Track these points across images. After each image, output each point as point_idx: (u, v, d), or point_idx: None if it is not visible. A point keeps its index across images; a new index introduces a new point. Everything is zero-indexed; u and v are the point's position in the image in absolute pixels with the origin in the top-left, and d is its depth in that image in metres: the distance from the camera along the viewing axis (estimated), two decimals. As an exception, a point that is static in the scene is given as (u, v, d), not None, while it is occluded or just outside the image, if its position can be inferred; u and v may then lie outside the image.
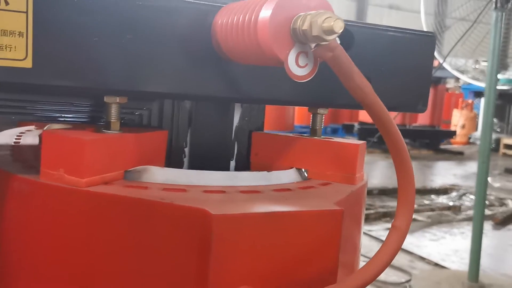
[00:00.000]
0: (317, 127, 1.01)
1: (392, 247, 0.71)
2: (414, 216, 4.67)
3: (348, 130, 11.83)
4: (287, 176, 0.92)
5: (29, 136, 1.19)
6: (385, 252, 0.71)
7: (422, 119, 11.46)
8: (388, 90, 0.99)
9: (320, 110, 1.00)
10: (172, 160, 0.97)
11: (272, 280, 0.72)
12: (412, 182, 0.74)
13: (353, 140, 0.99)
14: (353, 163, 0.95)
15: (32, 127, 1.30)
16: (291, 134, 1.02)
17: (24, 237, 0.80)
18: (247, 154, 1.04)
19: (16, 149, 1.03)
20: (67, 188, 0.75)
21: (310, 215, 0.73)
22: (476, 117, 13.95)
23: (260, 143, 1.03)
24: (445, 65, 5.48)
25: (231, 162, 1.02)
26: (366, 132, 10.18)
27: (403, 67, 1.01)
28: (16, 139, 1.15)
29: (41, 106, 0.90)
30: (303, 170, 0.98)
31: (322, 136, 1.02)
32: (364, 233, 4.59)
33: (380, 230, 4.73)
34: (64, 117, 0.93)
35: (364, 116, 10.87)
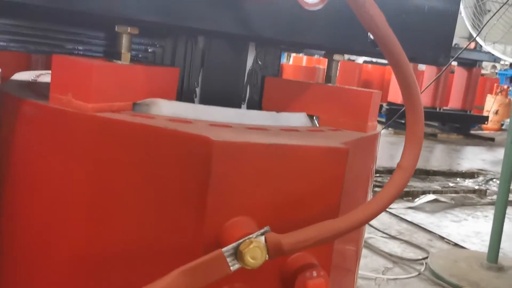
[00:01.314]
0: (332, 74, 0.99)
1: (396, 185, 0.70)
2: (437, 197, 4.58)
3: (376, 110, 11.60)
4: (297, 119, 0.91)
5: (47, 76, 1.21)
6: (388, 190, 0.70)
7: (454, 103, 11.17)
8: (408, 39, 0.96)
9: (336, 57, 0.98)
10: (183, 100, 0.96)
11: (271, 212, 0.72)
12: (421, 123, 0.72)
13: (367, 89, 0.96)
14: (366, 111, 0.93)
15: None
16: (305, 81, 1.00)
17: (33, 160, 0.81)
18: (259, 100, 1.03)
19: (32, 84, 1.05)
20: (74, 113, 0.75)
21: (315, 150, 0.72)
22: (511, 103, 13.53)
23: (273, 88, 1.01)
24: (487, 48, 5.26)
25: (242, 105, 1.01)
26: (394, 113, 9.99)
27: (425, 16, 0.97)
28: (34, 77, 1.17)
29: (54, 35, 0.91)
30: (314, 117, 0.97)
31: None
32: (385, 210, 4.54)
33: (401, 208, 4.68)
34: (78, 49, 0.94)
35: (392, 96, 10.67)
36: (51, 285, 0.82)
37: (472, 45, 9.94)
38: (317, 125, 0.96)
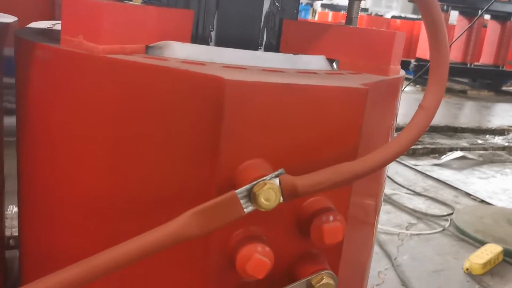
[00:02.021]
0: (353, 16, 0.95)
1: (417, 126, 0.67)
2: (464, 154, 4.49)
3: (404, 66, 11.34)
4: (315, 62, 0.88)
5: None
6: (409, 131, 0.67)
7: (485, 58, 10.78)
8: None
9: (357, -4, 0.93)
10: (198, 44, 0.94)
11: (287, 155, 0.70)
12: (446, 62, 0.68)
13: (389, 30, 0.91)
14: (388, 53, 0.88)
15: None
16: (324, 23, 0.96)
17: (47, 104, 0.81)
18: (277, 44, 0.99)
19: (48, 31, 1.03)
20: (85, 54, 0.74)
21: (332, 91, 0.69)
22: (546, 58, 12.96)
23: (291, 31, 0.97)
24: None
25: (259, 50, 0.98)
26: (422, 69, 9.72)
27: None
28: (50, 25, 1.15)
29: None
30: (334, 61, 0.93)
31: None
32: (410, 167, 4.50)
33: (427, 165, 4.62)
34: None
35: (421, 52, 10.36)
36: (68, 233, 0.83)
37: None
38: (336, 68, 0.92)
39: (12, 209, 1.56)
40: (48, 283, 0.59)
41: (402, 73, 0.95)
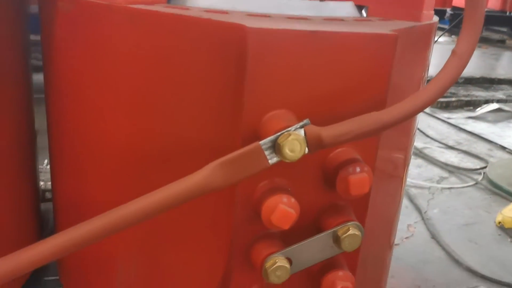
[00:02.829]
0: (383, -42, 0.89)
1: (449, 73, 0.64)
2: (500, 106, 4.33)
3: (439, 15, 10.88)
4: (343, 9, 0.84)
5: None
6: (441, 78, 0.64)
7: (527, 5, 10.22)
8: None
9: None
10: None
11: (312, 106, 0.68)
12: (481, 7, 0.64)
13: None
14: (421, -3, 0.84)
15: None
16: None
17: (72, 56, 0.81)
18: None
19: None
20: (107, 5, 0.72)
21: (360, 37, 0.66)
22: None
23: (318, -23, 0.93)
24: None
25: None
26: (458, 18, 9.30)
27: None
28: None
29: None
30: (363, 7, 0.89)
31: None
32: (442, 120, 4.39)
33: (460, 118, 4.49)
34: None
35: (458, 0, 9.89)
36: (96, 184, 0.84)
37: None
38: (365, 16, 0.89)
39: (46, 163, 1.61)
40: (79, 232, 0.60)
41: (436, 19, 0.90)
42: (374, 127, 0.64)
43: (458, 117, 4.54)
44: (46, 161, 1.63)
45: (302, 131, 0.63)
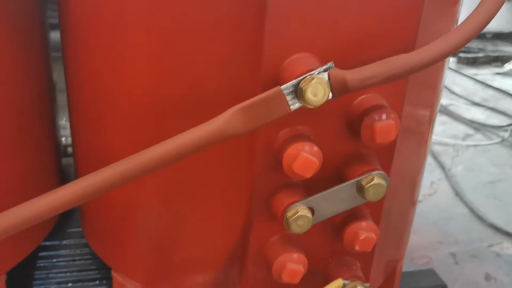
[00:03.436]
0: None
1: (485, 10, 0.59)
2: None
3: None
4: None
5: None
6: (475, 17, 0.59)
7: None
8: None
9: None
10: None
11: (336, 48, 0.64)
12: None
13: None
14: None
15: None
16: None
17: (85, 8, 0.78)
18: None
19: None
20: None
21: (387, -26, 0.62)
22: None
23: None
24: None
25: None
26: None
27: None
28: None
29: None
30: None
31: None
32: (469, 77, 4.26)
33: (488, 74, 4.36)
34: None
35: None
36: (115, 135, 0.83)
37: None
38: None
39: (67, 119, 1.61)
40: (98, 178, 0.59)
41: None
42: (402, 69, 0.60)
43: (485, 73, 4.40)
44: (65, 117, 1.63)
45: (325, 75, 0.60)
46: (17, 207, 0.59)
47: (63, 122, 1.59)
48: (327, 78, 0.60)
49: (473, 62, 4.62)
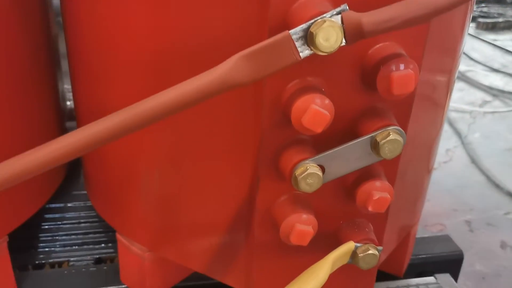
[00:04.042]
0: None
1: None
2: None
3: None
4: None
5: None
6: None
7: None
8: None
9: None
10: None
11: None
12: None
13: None
14: None
15: None
16: None
17: None
18: None
19: None
20: None
21: None
22: None
23: None
24: None
25: None
26: None
27: None
28: None
29: None
30: None
31: None
32: (488, 42, 4.13)
33: (507, 40, 4.22)
34: None
35: None
36: (117, 89, 0.79)
37: None
38: None
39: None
40: (99, 127, 0.55)
41: None
42: (423, 11, 0.54)
43: (505, 38, 4.26)
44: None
45: (338, 18, 0.55)
46: (16, 157, 0.55)
47: (69, 87, 1.56)
48: (340, 22, 0.54)
49: (492, 28, 4.47)
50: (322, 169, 0.64)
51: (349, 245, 0.70)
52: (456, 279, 1.08)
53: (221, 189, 0.77)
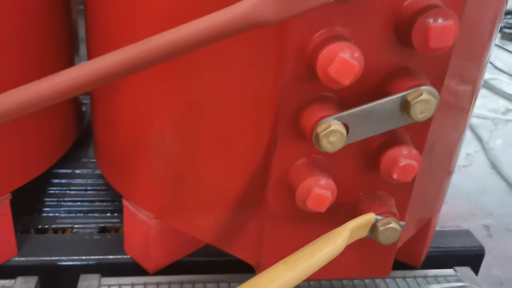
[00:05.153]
0: None
1: None
2: None
3: None
4: None
5: None
6: None
7: None
8: None
9: None
10: None
11: None
12: None
13: None
14: None
15: None
16: None
17: None
18: None
19: None
20: None
21: None
22: None
23: None
24: None
25: None
26: None
27: None
28: None
29: None
30: None
31: None
32: (505, 49, 4.03)
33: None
34: None
35: None
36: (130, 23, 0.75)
37: None
38: None
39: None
40: (108, 61, 0.51)
41: None
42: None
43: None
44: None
45: (376, -45, 0.50)
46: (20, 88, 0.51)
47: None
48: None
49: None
50: (347, 128, 0.60)
51: (369, 217, 0.65)
52: (476, 275, 1.02)
53: (235, 152, 0.73)
